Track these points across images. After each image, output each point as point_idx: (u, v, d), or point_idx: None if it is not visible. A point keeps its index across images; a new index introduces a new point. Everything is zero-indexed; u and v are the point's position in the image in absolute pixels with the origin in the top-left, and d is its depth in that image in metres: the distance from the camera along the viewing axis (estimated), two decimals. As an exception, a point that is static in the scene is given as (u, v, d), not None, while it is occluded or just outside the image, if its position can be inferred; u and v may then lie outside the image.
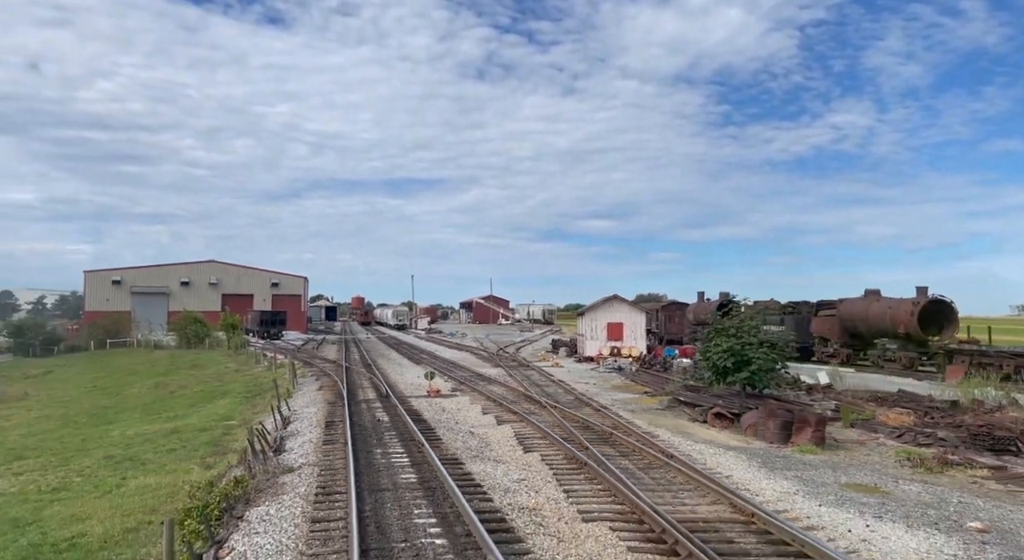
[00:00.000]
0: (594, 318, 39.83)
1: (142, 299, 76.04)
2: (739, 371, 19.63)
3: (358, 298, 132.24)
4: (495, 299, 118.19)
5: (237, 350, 51.57)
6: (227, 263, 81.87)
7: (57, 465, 19.86)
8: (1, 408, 35.99)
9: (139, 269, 79.15)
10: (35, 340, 69.68)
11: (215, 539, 9.67)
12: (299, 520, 9.89)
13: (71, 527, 13.29)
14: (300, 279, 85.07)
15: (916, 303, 30.27)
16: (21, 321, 77.04)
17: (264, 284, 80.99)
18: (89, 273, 76.97)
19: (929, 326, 30.27)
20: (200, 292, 77.85)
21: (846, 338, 34.34)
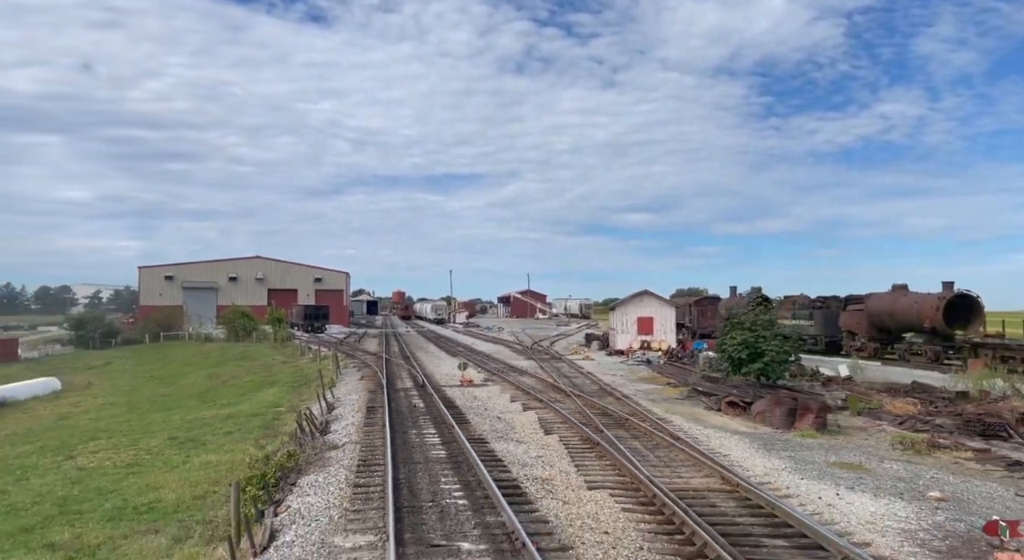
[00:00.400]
0: (625, 313, 41.07)
1: (192, 294, 79.66)
2: (753, 362, 20.84)
3: (399, 293, 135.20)
4: (532, 294, 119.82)
5: (283, 343, 54.15)
6: (272, 259, 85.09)
7: (128, 445, 22.11)
8: (70, 396, 38.98)
9: (189, 265, 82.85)
10: (94, 333, 73.68)
11: (273, 500, 11.47)
12: (343, 485, 11.61)
13: (147, 495, 15.31)
14: (342, 274, 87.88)
15: (941, 298, 30.80)
16: (81, 315, 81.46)
17: (308, 279, 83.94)
18: (143, 269, 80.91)
19: (955, 320, 30.76)
20: (247, 287, 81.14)
21: (874, 332, 34.92)
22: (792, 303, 41.66)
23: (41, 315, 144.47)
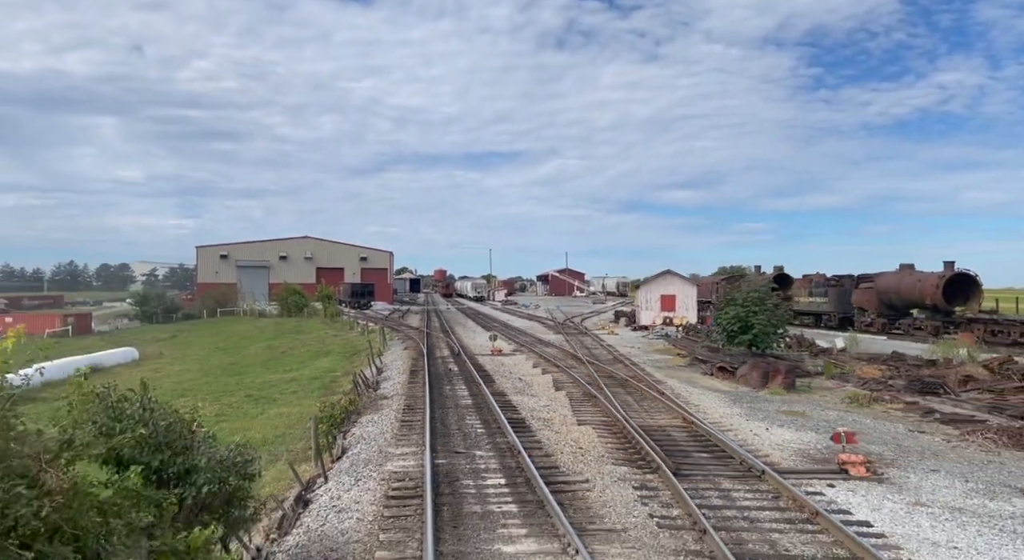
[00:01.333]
0: (649, 290, 44.34)
1: (246, 272, 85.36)
2: (744, 334, 24.09)
3: (440, 271, 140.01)
4: (570, 272, 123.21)
5: (332, 318, 58.89)
6: (320, 239, 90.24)
7: (211, 401, 26.58)
8: (147, 364, 44.14)
9: (242, 245, 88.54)
10: (157, 309, 79.92)
11: (341, 430, 15.45)
12: (392, 421, 15.50)
13: (237, 434, 19.53)
14: (386, 253, 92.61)
15: (941, 277, 33.31)
16: (145, 292, 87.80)
17: (354, 258, 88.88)
18: (200, 248, 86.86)
19: (954, 297, 33.29)
20: (296, 265, 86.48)
21: (882, 309, 37.50)
22: (809, 282, 44.31)
23: (102, 291, 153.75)
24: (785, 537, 8.34)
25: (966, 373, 20.17)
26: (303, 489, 10.88)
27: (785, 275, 47.66)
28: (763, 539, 8.28)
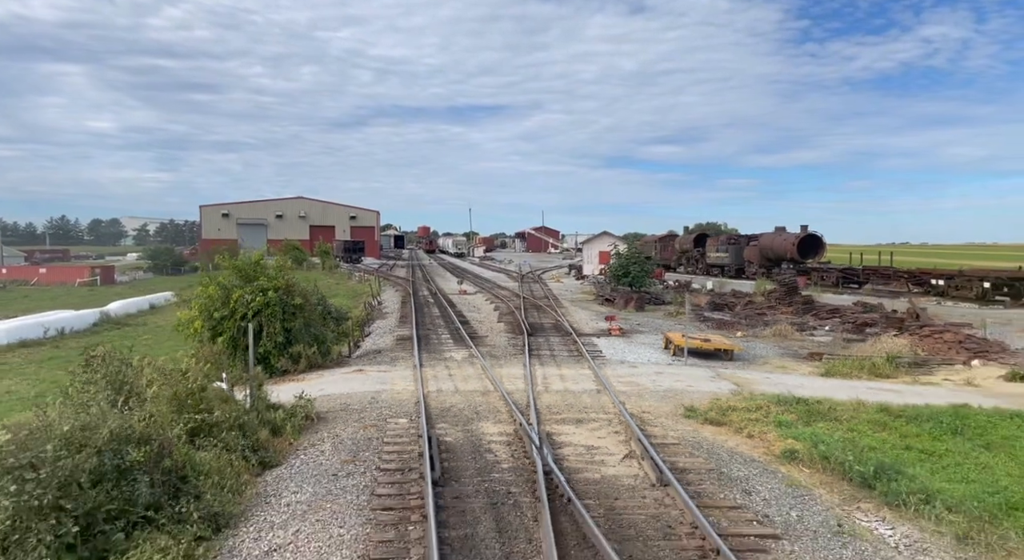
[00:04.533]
0: (591, 247, 57.42)
1: (246, 229, 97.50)
2: (625, 277, 37.19)
3: (424, 228, 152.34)
4: (546, 230, 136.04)
5: (331, 271, 71.68)
6: (313, 199, 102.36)
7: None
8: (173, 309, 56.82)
9: (242, 204, 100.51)
10: (167, 262, 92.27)
11: (358, 336, 28.57)
12: (393, 323, 28.61)
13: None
14: (373, 213, 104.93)
15: (797, 237, 46.55)
16: (156, 247, 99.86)
17: (344, 217, 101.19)
18: (204, 207, 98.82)
19: (807, 252, 46.59)
20: (292, 223, 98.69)
21: (763, 261, 50.71)
22: (717, 241, 57.49)
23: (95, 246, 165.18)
24: (563, 350, 21.49)
25: (750, 299, 33.45)
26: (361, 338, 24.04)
27: (703, 235, 60.91)
28: (552, 352, 21.42)
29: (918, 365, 19.84)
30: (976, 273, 34.92)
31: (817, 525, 8.53)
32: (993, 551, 7.90)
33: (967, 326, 25.01)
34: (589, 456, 10.94)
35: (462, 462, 10.60)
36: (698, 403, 14.19)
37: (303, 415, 12.90)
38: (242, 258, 19.90)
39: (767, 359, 21.32)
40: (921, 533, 8.50)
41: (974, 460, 11.01)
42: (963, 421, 13.06)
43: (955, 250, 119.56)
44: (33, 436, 7.87)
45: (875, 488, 9.65)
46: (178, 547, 7.68)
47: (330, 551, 7.69)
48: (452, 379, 16.88)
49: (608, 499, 9.12)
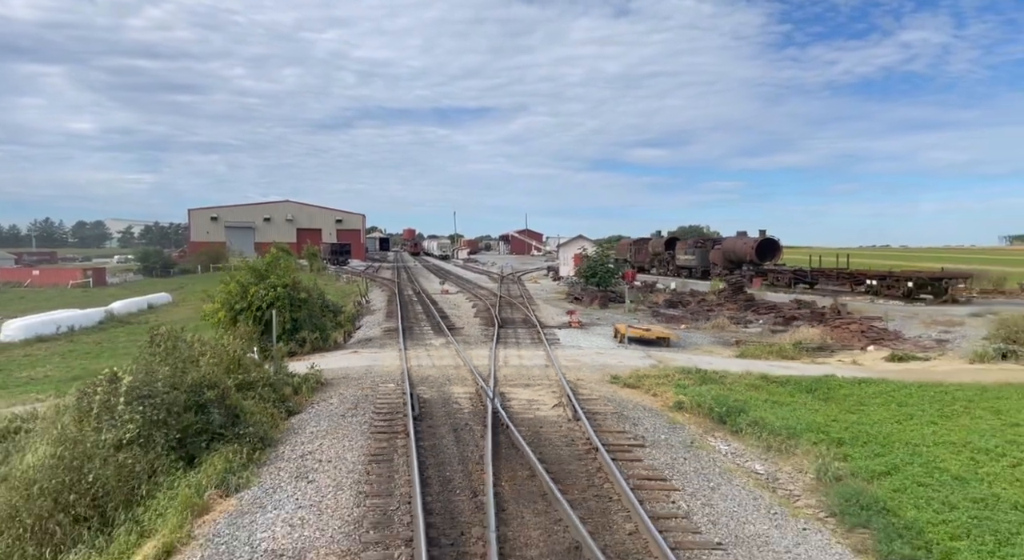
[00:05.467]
0: (567, 250, 61.68)
1: (234, 232, 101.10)
2: (593, 278, 41.45)
3: (409, 230, 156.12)
4: (529, 232, 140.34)
5: (319, 273, 75.55)
6: (300, 203, 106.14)
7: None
8: (182, 304, 60.45)
9: (231, 207, 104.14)
10: (156, 264, 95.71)
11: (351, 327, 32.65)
12: (380, 318, 32.70)
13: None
14: (359, 216, 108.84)
15: (755, 241, 51.00)
16: (146, 250, 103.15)
17: (330, 220, 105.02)
18: (193, 211, 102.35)
19: (764, 255, 51.05)
20: (279, 226, 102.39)
21: (726, 263, 55.10)
22: (686, 244, 61.90)
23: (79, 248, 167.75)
24: (527, 338, 25.65)
25: (703, 298, 37.80)
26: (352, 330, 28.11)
27: (674, 238, 65.36)
28: (517, 340, 25.59)
29: (821, 349, 24.18)
30: (903, 274, 39.43)
31: (677, 442, 12.74)
32: (781, 454, 12.16)
33: (878, 319, 29.44)
34: (529, 405, 15.13)
35: (435, 409, 14.76)
36: (622, 373, 18.42)
37: (314, 380, 17.02)
38: (256, 260, 23.92)
39: (698, 346, 25.60)
40: (745, 447, 12.76)
41: (808, 407, 15.29)
42: (820, 384, 17.38)
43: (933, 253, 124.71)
44: (146, 380, 11.96)
45: (726, 423, 13.91)
46: (242, 452, 11.77)
47: (344, 452, 11.82)
48: (431, 358, 21.03)
49: (535, 427, 13.31)
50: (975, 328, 26.44)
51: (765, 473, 11.48)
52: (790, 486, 10.87)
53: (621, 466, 10.84)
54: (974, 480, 10.53)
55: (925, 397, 16.25)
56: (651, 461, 11.49)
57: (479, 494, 9.61)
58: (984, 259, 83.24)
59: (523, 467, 10.91)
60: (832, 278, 44.87)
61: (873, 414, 14.72)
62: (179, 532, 9.07)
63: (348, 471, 10.87)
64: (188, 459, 11.59)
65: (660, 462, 11.46)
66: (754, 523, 9.10)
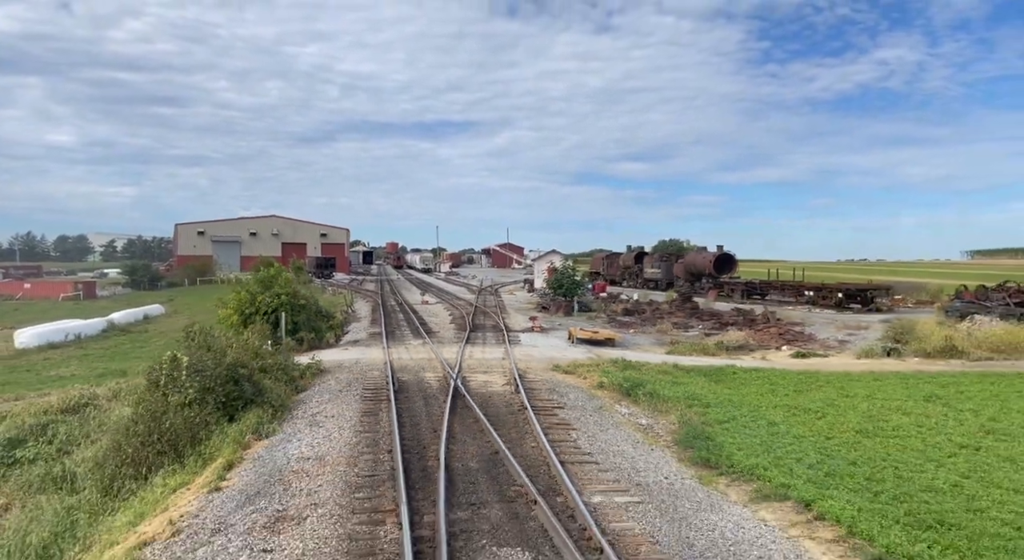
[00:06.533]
0: (540, 264, 66.66)
1: (220, 246, 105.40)
2: (560, 289, 46.38)
3: (392, 244, 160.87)
4: (511, 246, 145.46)
5: (305, 285, 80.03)
6: (285, 217, 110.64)
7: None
8: (174, 317, 64.76)
9: (217, 222, 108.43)
10: (144, 278, 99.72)
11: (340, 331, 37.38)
12: (366, 324, 37.45)
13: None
14: (343, 230, 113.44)
15: (713, 255, 56.20)
16: (134, 264, 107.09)
17: (315, 234, 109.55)
18: (180, 225, 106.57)
19: (722, 269, 56.23)
20: (265, 241, 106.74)
21: (688, 276, 60.21)
22: (652, 258, 67.09)
23: (63, 262, 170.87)
24: (493, 340, 30.49)
25: (657, 307, 42.80)
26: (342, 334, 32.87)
27: (642, 253, 70.59)
28: (484, 341, 30.42)
29: (741, 348, 29.18)
30: (835, 287, 44.69)
31: (589, 407, 17.57)
32: (662, 413, 17.05)
33: (799, 324, 34.53)
34: (484, 384, 19.96)
35: (410, 386, 19.57)
36: (563, 364, 23.30)
37: (315, 368, 21.78)
38: (262, 273, 28.62)
39: (639, 345, 30.52)
40: (640, 409, 17.64)
41: (699, 386, 20.21)
42: (718, 371, 22.34)
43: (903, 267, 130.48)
44: (198, 360, 16.70)
45: (631, 395, 18.80)
46: (268, 413, 16.49)
47: (343, 411, 16.59)
48: (409, 353, 25.83)
49: (485, 396, 18.14)
50: (877, 331, 31.56)
51: (646, 424, 16.36)
52: (659, 430, 15.76)
53: (540, 417, 15.68)
54: (782, 425, 15.47)
55: (794, 380, 21.25)
56: (564, 415, 16.35)
57: (438, 431, 14.41)
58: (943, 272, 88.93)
59: (471, 418, 15.74)
60: (779, 290, 50.08)
61: (744, 389, 19.69)
62: (233, 456, 13.80)
63: (347, 420, 15.66)
64: (230, 416, 16.32)
65: (571, 417, 16.31)
66: (622, 448, 13.94)
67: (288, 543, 9.02)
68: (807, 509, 10.24)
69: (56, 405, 19.93)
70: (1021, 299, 32.30)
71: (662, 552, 8.75)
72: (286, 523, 9.72)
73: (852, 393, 19.24)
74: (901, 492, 10.85)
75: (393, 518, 9.68)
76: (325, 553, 8.69)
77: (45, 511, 13.96)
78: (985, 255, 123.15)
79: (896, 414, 16.62)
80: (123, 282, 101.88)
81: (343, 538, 9.12)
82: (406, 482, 10.95)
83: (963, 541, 8.94)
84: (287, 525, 9.65)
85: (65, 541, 12.22)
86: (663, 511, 10.23)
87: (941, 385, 20.41)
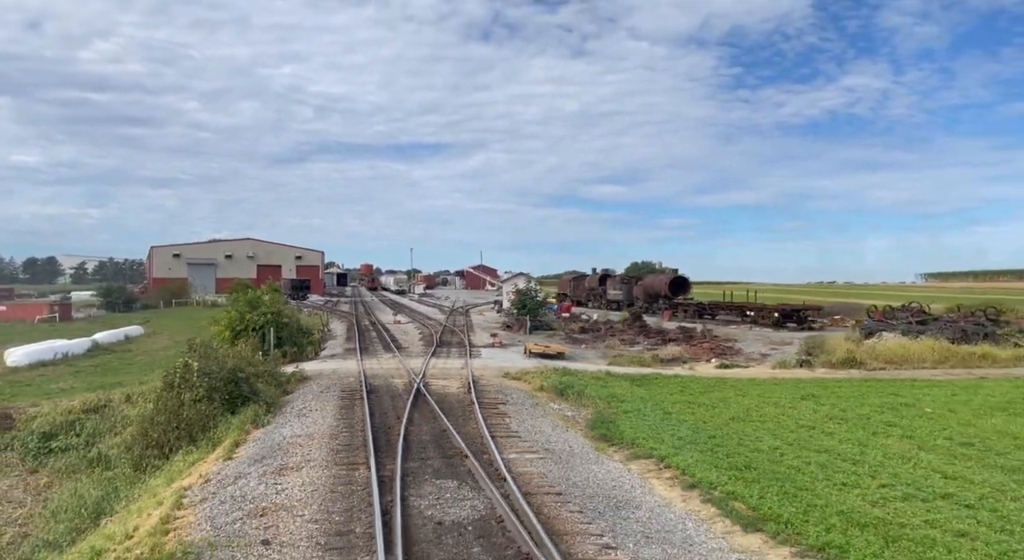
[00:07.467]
0: (509, 285, 71.14)
1: (195, 268, 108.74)
2: (523, 309, 50.79)
3: (367, 266, 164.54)
4: (484, 268, 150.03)
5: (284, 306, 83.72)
6: (261, 240, 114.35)
7: (233, 348, 51.93)
8: (153, 337, 68.16)
9: (192, 245, 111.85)
10: (119, 300, 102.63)
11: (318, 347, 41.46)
12: (341, 341, 41.56)
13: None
14: (318, 253, 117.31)
15: (668, 278, 61.03)
16: (109, 286, 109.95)
17: (290, 257, 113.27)
18: (155, 248, 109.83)
19: (677, 290, 61.06)
20: (240, 263, 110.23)
21: (646, 297, 64.97)
22: (615, 279, 71.88)
23: (33, 284, 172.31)
24: (456, 353, 34.76)
25: (611, 325, 47.32)
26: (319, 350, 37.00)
27: (606, 275, 75.41)
28: (448, 355, 34.70)
29: (674, 360, 33.69)
30: (773, 307, 49.61)
31: (527, 404, 21.88)
32: (584, 407, 21.42)
33: (733, 340, 39.19)
34: (443, 388, 24.22)
35: (380, 389, 23.79)
36: (513, 372, 27.64)
37: (299, 376, 25.92)
38: (251, 294, 32.69)
39: (586, 358, 34.92)
40: (568, 405, 21.99)
41: (624, 389, 24.61)
42: (642, 377, 26.80)
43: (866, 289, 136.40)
44: (206, 365, 20.82)
45: (564, 395, 23.17)
46: (262, 408, 20.62)
47: (324, 406, 20.77)
48: (380, 365, 30.03)
49: (442, 396, 22.40)
50: (797, 346, 36.28)
51: (570, 415, 20.72)
52: (578, 419, 20.13)
53: (484, 410, 19.98)
54: (675, 414, 19.90)
55: (705, 384, 25.77)
56: (504, 409, 20.67)
57: (401, 418, 18.66)
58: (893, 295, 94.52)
59: (428, 410, 20.02)
60: (727, 310, 54.92)
61: (659, 391, 24.16)
62: (239, 438, 17.93)
63: (328, 413, 19.88)
64: (232, 411, 20.42)
65: (510, 410, 20.64)
66: (543, 429, 18.27)
67: (292, 480, 13.24)
68: (661, 462, 14.64)
69: (78, 407, 23.90)
70: (922, 318, 37.21)
71: (548, 482, 13.09)
72: (288, 471, 13.94)
73: (747, 393, 23.75)
74: (732, 452, 15.29)
75: (365, 468, 13.93)
76: (319, 485, 12.92)
77: (87, 483, 18.00)
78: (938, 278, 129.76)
79: (770, 407, 21.14)
80: (97, 304, 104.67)
81: (330, 478, 13.36)
82: (375, 447, 15.19)
83: (752, 475, 13.36)
84: (289, 472, 13.86)
85: (112, 499, 16.28)
86: (558, 463, 14.58)
87: (823, 388, 25.01)
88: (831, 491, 12.54)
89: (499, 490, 12.19)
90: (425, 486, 12.79)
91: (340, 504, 11.89)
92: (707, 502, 12.13)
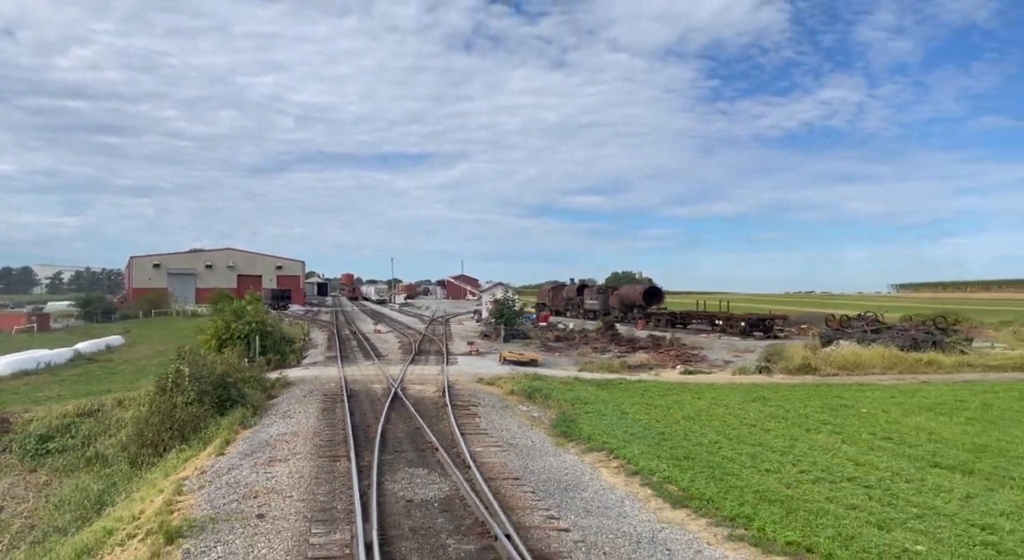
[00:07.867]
0: (488, 295, 72.96)
1: (175, 279, 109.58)
2: (501, 318, 52.62)
3: (347, 275, 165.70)
4: (465, 278, 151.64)
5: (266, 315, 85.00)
6: (241, 250, 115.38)
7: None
8: (135, 347, 69.25)
9: (172, 255, 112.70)
10: (97, 310, 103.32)
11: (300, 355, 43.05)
12: (323, 350, 43.19)
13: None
14: (299, 263, 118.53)
15: (643, 288, 63.13)
16: (88, 296, 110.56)
17: (271, 267, 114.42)
18: (135, 258, 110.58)
19: (651, 300, 63.17)
20: (220, 273, 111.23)
21: (621, 307, 67.05)
22: (592, 289, 73.96)
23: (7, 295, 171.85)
24: (433, 361, 36.52)
25: (586, 334, 49.27)
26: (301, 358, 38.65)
27: (584, 285, 77.53)
28: (426, 362, 36.45)
29: (641, 367, 35.65)
30: (741, 316, 51.83)
31: (497, 406, 23.70)
32: (550, 408, 23.29)
33: (699, 348, 41.26)
34: (419, 392, 26.00)
35: (360, 393, 25.54)
36: (487, 377, 29.46)
37: (283, 381, 27.61)
38: (236, 304, 34.31)
39: (558, 365, 36.81)
40: (536, 407, 23.84)
41: (589, 393, 26.50)
42: (608, 382, 28.72)
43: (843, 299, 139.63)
44: (196, 370, 22.49)
45: (532, 398, 25.03)
46: (249, 410, 22.32)
47: (308, 408, 22.50)
48: (360, 371, 31.75)
49: (419, 399, 24.19)
50: (758, 354, 38.38)
51: (536, 416, 22.58)
52: (543, 419, 21.99)
53: (456, 411, 21.79)
54: (632, 415, 21.82)
55: (666, 388, 27.73)
56: (475, 410, 22.50)
57: (379, 417, 20.43)
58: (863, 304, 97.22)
59: (404, 411, 21.82)
60: (698, 319, 57.09)
61: (621, 394, 26.09)
62: (229, 436, 19.61)
63: (311, 414, 21.61)
64: (221, 413, 22.10)
65: (480, 411, 22.47)
66: (510, 428, 20.10)
67: (281, 470, 15.00)
68: (611, 454, 16.54)
69: (72, 411, 25.45)
70: (876, 326, 39.48)
71: (509, 471, 14.93)
72: (277, 462, 15.69)
73: (703, 397, 25.73)
74: (676, 445, 17.22)
75: (345, 459, 15.71)
76: (304, 473, 14.69)
77: (88, 478, 19.62)
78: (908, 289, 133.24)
79: (720, 408, 23.13)
80: (76, 314, 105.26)
81: (314, 467, 15.14)
82: (355, 442, 16.97)
83: (689, 463, 15.29)
84: (278, 463, 15.62)
85: (112, 492, 17.93)
86: (519, 455, 16.44)
87: (775, 392, 27.07)
88: (753, 476, 14.49)
89: (464, 476, 14.01)
90: (399, 473, 14.58)
91: (324, 487, 13.66)
92: (645, 485, 14.03)
